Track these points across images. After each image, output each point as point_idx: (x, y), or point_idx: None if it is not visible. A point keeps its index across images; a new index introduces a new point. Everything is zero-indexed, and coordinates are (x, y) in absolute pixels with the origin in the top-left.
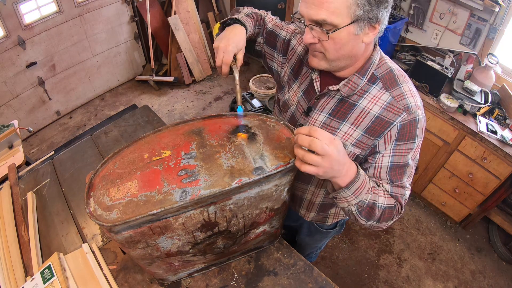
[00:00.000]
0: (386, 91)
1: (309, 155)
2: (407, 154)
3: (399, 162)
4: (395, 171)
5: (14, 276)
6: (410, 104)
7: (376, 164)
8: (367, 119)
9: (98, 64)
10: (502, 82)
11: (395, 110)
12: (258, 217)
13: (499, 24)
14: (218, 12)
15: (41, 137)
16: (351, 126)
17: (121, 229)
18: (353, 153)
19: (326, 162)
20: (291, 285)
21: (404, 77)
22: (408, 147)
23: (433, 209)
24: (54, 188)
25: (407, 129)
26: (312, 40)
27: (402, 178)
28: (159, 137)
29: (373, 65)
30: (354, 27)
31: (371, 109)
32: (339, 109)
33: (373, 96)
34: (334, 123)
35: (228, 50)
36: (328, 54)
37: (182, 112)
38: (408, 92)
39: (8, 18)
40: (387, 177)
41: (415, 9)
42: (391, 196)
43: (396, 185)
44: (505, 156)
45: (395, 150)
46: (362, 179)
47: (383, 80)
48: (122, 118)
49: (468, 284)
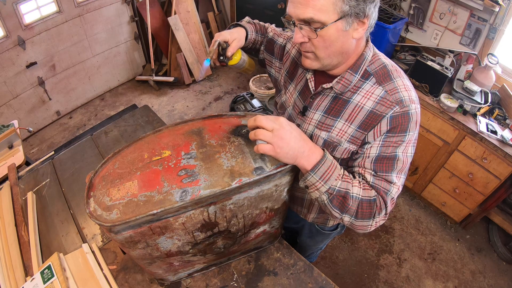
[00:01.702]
0: (380, 86)
1: (260, 130)
2: (396, 146)
3: (386, 153)
4: (382, 162)
5: (14, 276)
6: (403, 98)
7: (364, 154)
8: (360, 115)
9: (98, 64)
10: (502, 82)
11: (387, 104)
12: (258, 217)
13: (499, 24)
14: (218, 12)
15: (41, 137)
16: (346, 122)
17: (121, 229)
18: (348, 150)
19: (277, 136)
20: (291, 285)
21: (399, 72)
22: (399, 140)
23: (433, 209)
24: (54, 188)
25: (399, 121)
26: (302, 39)
27: (388, 171)
28: (159, 137)
29: (366, 61)
30: (342, 23)
31: (365, 104)
32: (333, 106)
33: (366, 92)
34: (329, 120)
35: (220, 33)
36: (319, 52)
37: (182, 112)
38: (402, 87)
39: (8, 18)
40: (371, 166)
41: (415, 9)
42: (371, 188)
43: (379, 176)
44: (505, 156)
45: (385, 141)
46: (329, 163)
47: (377, 76)
48: (122, 118)
49: (468, 284)
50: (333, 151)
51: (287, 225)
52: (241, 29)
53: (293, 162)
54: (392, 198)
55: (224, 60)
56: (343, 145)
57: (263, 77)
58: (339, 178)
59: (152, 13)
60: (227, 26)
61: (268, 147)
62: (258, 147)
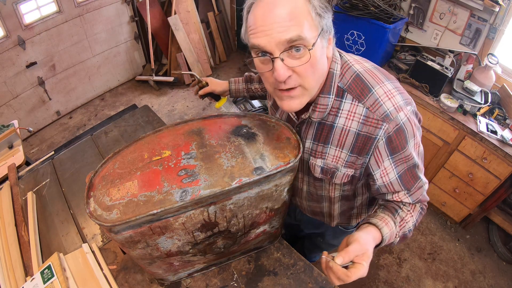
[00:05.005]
0: (359, 103)
1: (354, 273)
2: (409, 160)
3: (404, 169)
4: (406, 177)
5: (14, 276)
6: (388, 111)
7: (384, 183)
8: (349, 138)
9: (98, 64)
10: (502, 82)
11: (373, 123)
12: (258, 217)
13: (499, 24)
14: (218, 12)
15: (41, 137)
16: (337, 148)
17: (121, 229)
18: (347, 174)
19: (367, 260)
20: (291, 285)
21: (375, 76)
22: (407, 154)
23: (433, 209)
24: (54, 188)
25: (396, 140)
26: (288, 72)
27: (416, 179)
28: (159, 137)
29: (335, 76)
30: (321, 39)
31: (350, 126)
32: (320, 133)
33: (347, 112)
34: (320, 147)
35: (208, 78)
36: (308, 82)
37: (182, 112)
38: (383, 96)
39: (8, 18)
40: (402, 187)
41: (415, 9)
42: (414, 206)
43: (413, 191)
44: (505, 156)
45: (395, 162)
46: (387, 237)
47: (351, 91)
48: (122, 118)
49: (468, 284)
50: (333, 178)
51: (308, 231)
52: (226, 82)
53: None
54: (425, 191)
55: (202, 98)
56: (340, 170)
57: None
58: (398, 235)
59: (152, 13)
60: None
61: (363, 272)
62: (353, 275)
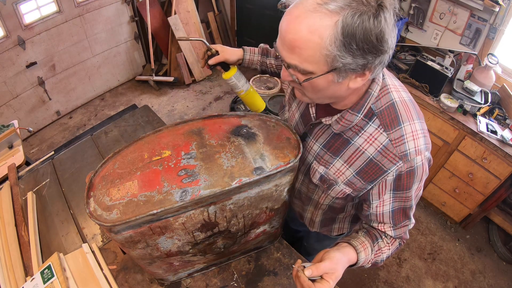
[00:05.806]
0: (384, 132)
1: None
2: (407, 201)
3: (400, 207)
4: (398, 214)
5: (14, 276)
6: (408, 151)
7: (377, 212)
8: (360, 160)
9: (98, 64)
10: (502, 82)
11: (390, 157)
12: (258, 217)
13: (499, 24)
14: (218, 12)
15: (41, 137)
16: (344, 163)
17: (121, 229)
18: (344, 191)
19: (334, 279)
20: (291, 285)
21: (408, 111)
22: (408, 195)
23: (433, 209)
24: (54, 188)
25: (403, 181)
26: (289, 78)
27: (406, 218)
28: (159, 137)
29: (371, 97)
30: (333, 75)
31: (366, 149)
32: (333, 143)
33: (369, 135)
34: (327, 156)
35: (218, 45)
36: (307, 93)
37: (182, 112)
38: (409, 134)
39: (8, 18)
40: (391, 221)
41: (415, 9)
42: (394, 240)
43: (399, 227)
44: (505, 156)
45: (394, 198)
46: (362, 261)
47: (382, 117)
48: (122, 118)
49: (468, 284)
50: (329, 189)
51: (295, 227)
52: (240, 49)
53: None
54: (408, 230)
55: (211, 69)
56: (339, 186)
57: (263, 77)
58: (371, 262)
59: (152, 13)
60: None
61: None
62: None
